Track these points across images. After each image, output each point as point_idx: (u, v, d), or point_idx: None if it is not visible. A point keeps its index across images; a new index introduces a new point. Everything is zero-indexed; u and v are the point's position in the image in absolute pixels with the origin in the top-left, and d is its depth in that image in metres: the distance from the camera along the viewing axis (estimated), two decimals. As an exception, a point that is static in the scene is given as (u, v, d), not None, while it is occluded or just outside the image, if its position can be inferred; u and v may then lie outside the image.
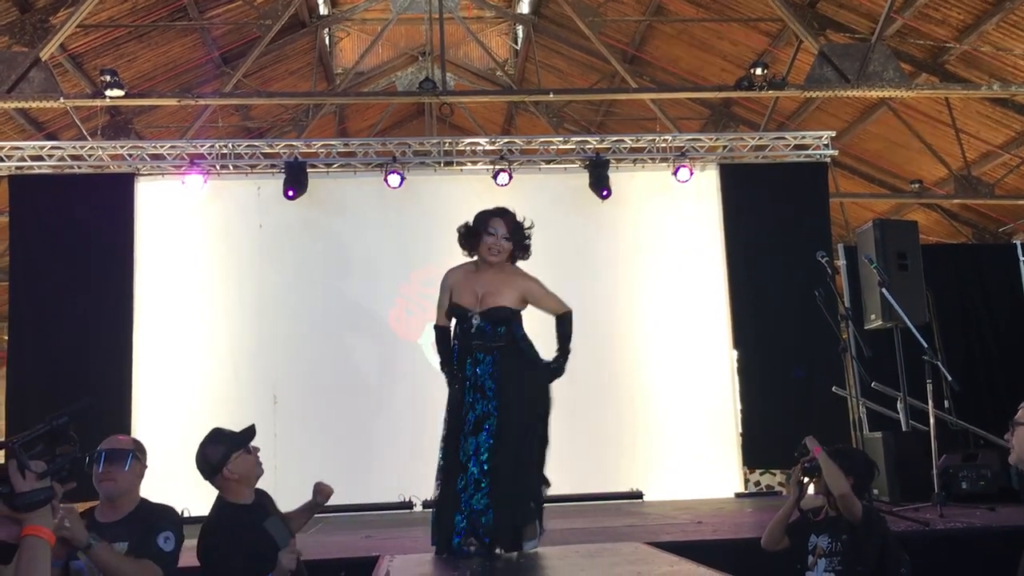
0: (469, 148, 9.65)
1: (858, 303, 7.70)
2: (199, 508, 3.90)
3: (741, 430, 9.09)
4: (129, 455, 3.25)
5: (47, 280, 8.85)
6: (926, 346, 5.88)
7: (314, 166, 9.33)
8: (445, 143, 9.70)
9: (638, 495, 8.62)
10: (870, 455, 6.30)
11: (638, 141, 9.69)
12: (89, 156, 9.33)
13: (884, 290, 6.36)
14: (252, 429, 3.51)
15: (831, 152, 9.77)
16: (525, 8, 12.77)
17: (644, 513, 7.24)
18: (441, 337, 4.29)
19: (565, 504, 7.22)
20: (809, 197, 9.53)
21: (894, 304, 6.20)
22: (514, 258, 4.26)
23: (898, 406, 7.39)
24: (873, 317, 7.22)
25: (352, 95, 13.16)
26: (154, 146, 9.46)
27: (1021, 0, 8.85)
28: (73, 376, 8.45)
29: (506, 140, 9.87)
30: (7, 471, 1.95)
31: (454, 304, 4.21)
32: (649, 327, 9.28)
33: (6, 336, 9.74)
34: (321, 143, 9.69)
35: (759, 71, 8.93)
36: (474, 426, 4.04)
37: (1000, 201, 11.93)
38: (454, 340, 4.25)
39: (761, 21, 10.62)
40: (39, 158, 9.25)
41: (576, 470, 7.72)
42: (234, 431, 3.51)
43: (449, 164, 9.65)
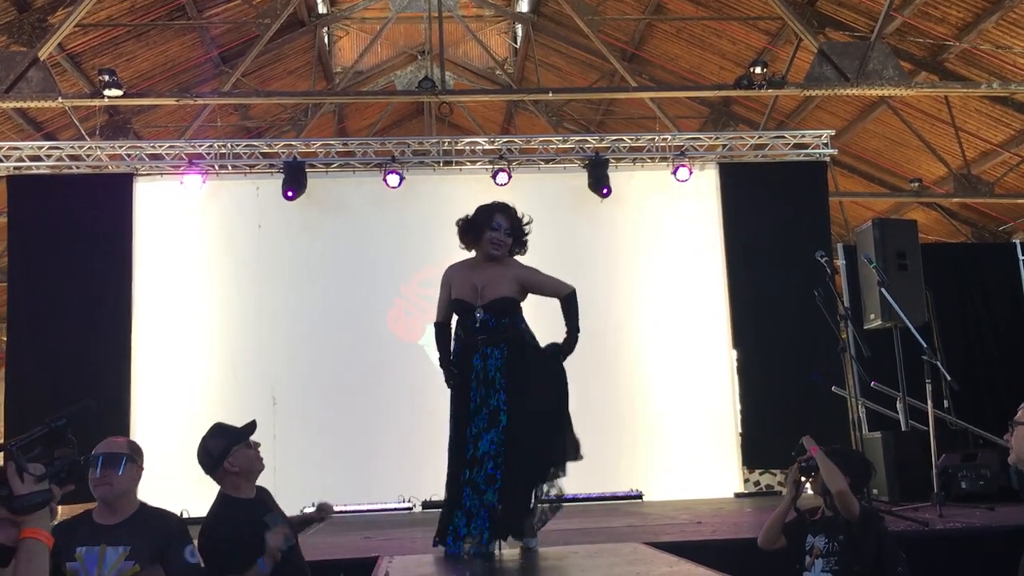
0: (468, 147, 9.64)
1: (857, 303, 7.69)
2: (198, 509, 3.89)
3: (740, 430, 9.10)
4: (124, 459, 3.22)
5: (46, 281, 8.84)
6: (925, 346, 5.87)
7: (313, 166, 9.33)
8: (444, 142, 9.70)
9: (638, 495, 8.63)
10: (869, 455, 6.32)
11: (637, 140, 9.69)
12: (87, 156, 9.33)
13: (883, 290, 6.33)
14: (253, 424, 3.53)
15: (830, 151, 9.78)
16: (524, 7, 12.77)
17: (643, 513, 7.23)
18: (441, 334, 4.29)
19: (564, 504, 7.18)
20: (808, 196, 9.53)
21: (893, 304, 6.18)
22: (511, 253, 4.30)
23: (897, 406, 7.38)
24: (872, 317, 7.21)
25: (351, 94, 13.15)
26: (153, 146, 9.47)
27: (1020, -1, 8.86)
28: (72, 377, 8.45)
29: (505, 139, 9.87)
30: (5, 474, 1.94)
31: (456, 299, 4.22)
32: (648, 327, 9.29)
33: (4, 337, 9.73)
34: (320, 143, 9.69)
35: (758, 70, 8.93)
36: (488, 421, 4.04)
37: (1000, 200, 11.92)
38: (456, 337, 4.25)
39: (760, 20, 10.62)
40: (37, 158, 9.24)
41: (576, 470, 7.66)
42: (235, 426, 3.53)
43: (448, 163, 9.65)
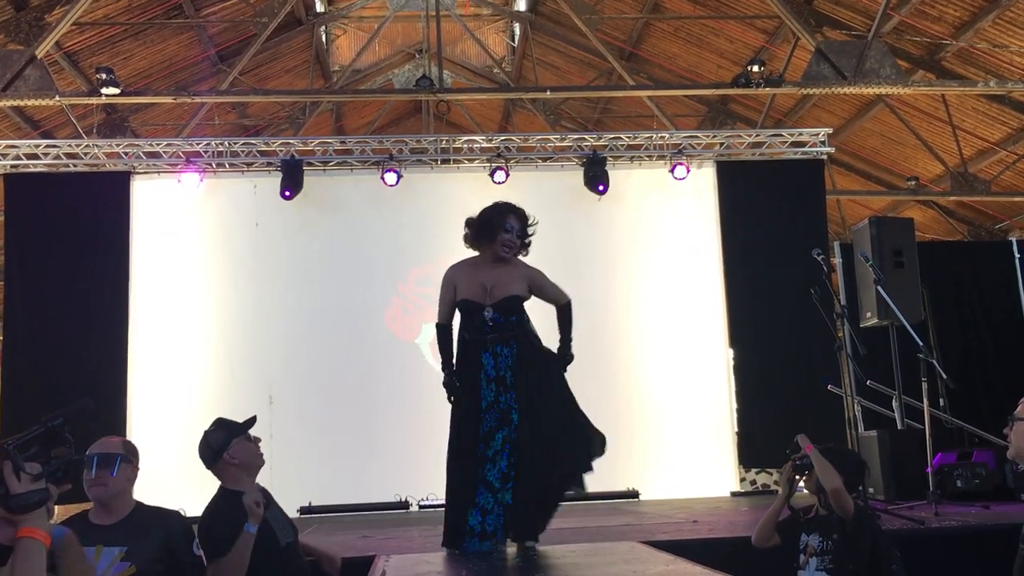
0: (466, 146, 9.63)
1: (854, 301, 7.69)
2: (194, 508, 3.88)
3: (737, 429, 9.11)
4: (118, 459, 3.22)
5: (43, 279, 8.84)
6: (921, 344, 5.87)
7: (310, 164, 9.32)
8: (442, 141, 9.69)
9: (634, 494, 8.62)
10: (865, 453, 6.34)
11: (635, 138, 9.69)
12: (85, 154, 9.31)
13: (880, 288, 6.34)
14: (254, 418, 3.59)
15: (828, 149, 9.79)
16: (522, 5, 12.76)
17: (640, 512, 7.23)
18: (443, 336, 4.29)
19: (561, 503, 7.19)
20: (806, 194, 9.53)
21: (889, 302, 6.18)
22: (516, 254, 4.35)
23: (893, 404, 7.39)
24: (869, 315, 7.21)
25: (349, 93, 13.13)
26: (150, 144, 9.45)
27: (1017, -3, 8.87)
28: (68, 375, 8.44)
29: (503, 138, 9.85)
30: (2, 473, 1.95)
31: (463, 299, 4.23)
32: (645, 325, 9.29)
33: (1, 336, 9.72)
34: (318, 141, 9.68)
35: (756, 68, 8.94)
36: (499, 419, 4.07)
37: (996, 198, 11.94)
38: (459, 337, 4.26)
39: (758, 18, 10.62)
40: (35, 156, 9.23)
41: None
42: (236, 420, 3.56)
43: (446, 162, 9.64)
